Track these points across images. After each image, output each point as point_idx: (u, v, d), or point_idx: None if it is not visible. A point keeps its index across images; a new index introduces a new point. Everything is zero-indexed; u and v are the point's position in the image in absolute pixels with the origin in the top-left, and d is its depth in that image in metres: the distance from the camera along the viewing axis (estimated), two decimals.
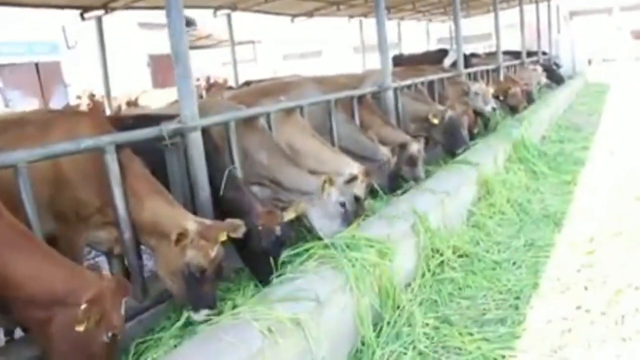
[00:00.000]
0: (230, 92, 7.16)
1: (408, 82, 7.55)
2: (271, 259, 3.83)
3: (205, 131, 4.30)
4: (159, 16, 21.33)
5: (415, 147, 6.16)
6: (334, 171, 5.03)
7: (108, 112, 9.86)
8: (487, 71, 11.53)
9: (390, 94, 6.83)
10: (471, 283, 4.25)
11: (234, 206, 4.22)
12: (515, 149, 7.57)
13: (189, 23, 23.11)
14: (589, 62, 26.15)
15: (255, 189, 4.77)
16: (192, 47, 25.04)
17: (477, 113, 8.87)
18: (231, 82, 19.44)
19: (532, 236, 5.23)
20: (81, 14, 9.53)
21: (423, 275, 4.18)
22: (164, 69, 21.68)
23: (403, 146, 6.14)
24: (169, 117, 4.33)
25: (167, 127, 3.96)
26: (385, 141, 6.16)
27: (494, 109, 8.94)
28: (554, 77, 15.46)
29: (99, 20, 9.57)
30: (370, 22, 18.40)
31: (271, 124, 5.04)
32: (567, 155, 8.42)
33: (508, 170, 7.02)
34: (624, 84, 19.22)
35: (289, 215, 4.16)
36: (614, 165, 7.58)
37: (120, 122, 4.48)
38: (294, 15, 14.07)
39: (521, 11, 15.29)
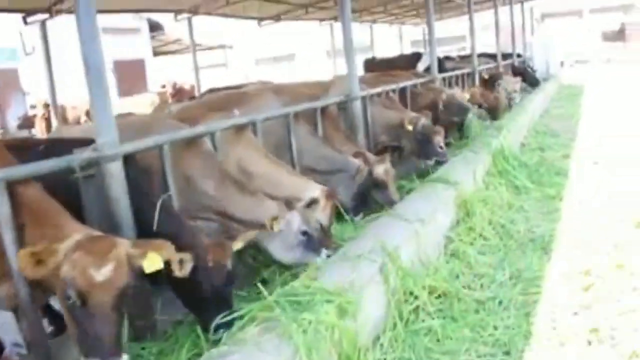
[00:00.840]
0: (179, 105, 6.38)
1: (378, 89, 6.86)
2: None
3: (131, 157, 3.55)
4: (124, 21, 20.52)
5: (381, 169, 5.48)
6: (292, 195, 4.33)
7: (54, 123, 8.99)
8: (463, 75, 10.92)
9: (357, 104, 6.13)
10: (451, 333, 3.53)
11: (174, 242, 3.48)
12: (495, 160, 6.92)
13: (155, 27, 22.20)
14: (562, 64, 25.86)
15: (200, 224, 4.02)
16: (160, 53, 24.16)
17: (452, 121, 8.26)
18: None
19: (518, 266, 4.54)
20: (24, 18, 8.68)
21: (394, 326, 3.46)
22: (130, 76, 20.76)
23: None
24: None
25: (78, 157, 3.20)
26: None
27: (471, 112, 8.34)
28: (529, 79, 14.95)
29: (42, 24, 8.69)
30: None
31: (217, 145, 4.29)
32: (549, 165, 7.79)
33: (488, 186, 6.36)
34: (598, 87, 18.85)
35: (237, 245, 3.44)
36: (599, 177, 6.98)
37: (29, 149, 3.70)
38: (261, 19, 13.34)
39: (496, 13, 14.78)
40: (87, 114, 13.70)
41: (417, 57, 11.37)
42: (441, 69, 9.93)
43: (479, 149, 6.99)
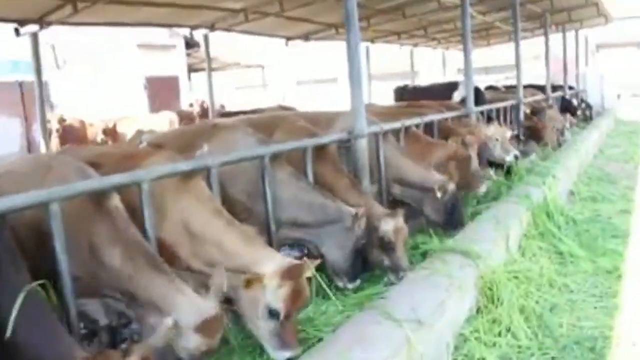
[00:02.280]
0: (152, 135, 5.24)
1: (393, 124, 5.57)
2: None
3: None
4: (159, 37, 19.94)
5: (390, 226, 4.16)
6: (240, 268, 3.12)
7: (42, 143, 8.07)
8: (505, 108, 9.50)
9: (362, 142, 4.86)
10: None
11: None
12: (536, 218, 5.53)
13: (191, 44, 21.57)
14: (618, 96, 23.87)
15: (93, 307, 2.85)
16: (195, 70, 23.54)
17: (494, 163, 6.89)
18: (229, 108, 17.79)
19: None
20: (16, 30, 7.83)
21: None
22: (162, 92, 20.09)
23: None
24: None
25: None
26: None
27: (516, 157, 6.93)
28: (581, 114, 13.36)
29: (34, 37, 7.82)
30: (378, 48, 16.61)
31: (145, 199, 3.11)
32: (604, 223, 6.31)
33: (524, 252, 4.98)
34: None
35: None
36: None
37: None
38: (288, 38, 12.30)
39: (546, 39, 13.28)
40: (105, 132, 12.91)
41: (453, 86, 9.95)
42: (480, 101, 8.57)
43: (516, 202, 5.61)
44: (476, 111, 7.55)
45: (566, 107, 13.96)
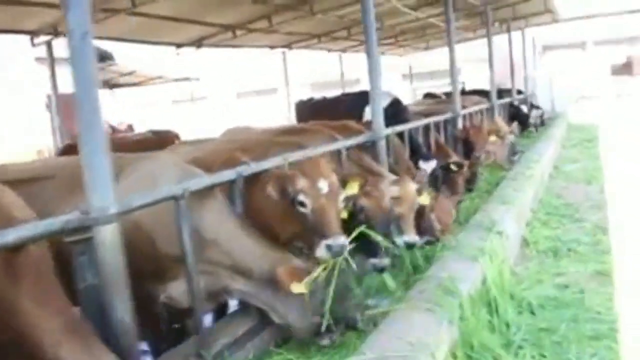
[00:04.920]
0: None
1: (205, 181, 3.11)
2: None
3: None
4: (63, 49, 17.21)
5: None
6: None
7: None
8: (437, 124, 7.15)
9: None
10: None
11: None
12: (467, 328, 3.13)
13: (105, 57, 18.70)
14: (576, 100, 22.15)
15: None
16: (114, 85, 20.68)
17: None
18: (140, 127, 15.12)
19: None
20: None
21: None
22: (68, 111, 17.19)
23: None
24: None
25: None
26: None
27: (410, 246, 4.45)
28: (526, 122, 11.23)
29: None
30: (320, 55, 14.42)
31: None
32: (575, 306, 3.96)
33: None
34: (613, 128, 14.94)
35: None
36: None
37: None
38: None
39: (489, 37, 11.10)
40: None
41: (365, 97, 7.25)
42: (400, 116, 6.19)
43: (440, 294, 3.21)
44: (387, 134, 5.12)
45: (515, 114, 11.84)
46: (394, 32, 13.03)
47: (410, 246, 4.21)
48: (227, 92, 29.09)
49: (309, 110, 7.83)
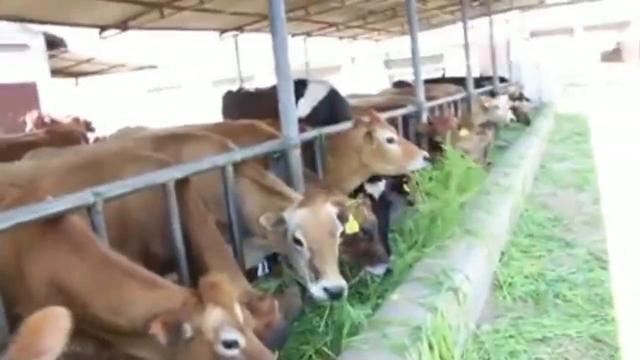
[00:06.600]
0: None
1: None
2: None
3: None
4: (10, 34, 15.44)
5: None
6: None
7: None
8: (394, 120, 5.66)
9: None
10: None
11: None
12: None
13: (55, 44, 16.98)
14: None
15: None
16: (69, 74, 18.97)
17: None
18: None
19: None
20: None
21: None
22: (16, 104, 15.49)
23: None
24: None
25: None
26: None
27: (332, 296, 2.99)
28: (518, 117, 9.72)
29: None
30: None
31: None
32: None
33: None
34: (605, 118, 13.49)
35: None
36: None
37: None
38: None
39: (464, 23, 9.59)
40: None
41: (300, 88, 5.57)
42: (339, 113, 4.69)
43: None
44: (326, 133, 3.61)
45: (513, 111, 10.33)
46: (361, 13, 11.47)
47: (334, 296, 2.77)
48: (203, 80, 27.38)
49: (236, 103, 6.31)
